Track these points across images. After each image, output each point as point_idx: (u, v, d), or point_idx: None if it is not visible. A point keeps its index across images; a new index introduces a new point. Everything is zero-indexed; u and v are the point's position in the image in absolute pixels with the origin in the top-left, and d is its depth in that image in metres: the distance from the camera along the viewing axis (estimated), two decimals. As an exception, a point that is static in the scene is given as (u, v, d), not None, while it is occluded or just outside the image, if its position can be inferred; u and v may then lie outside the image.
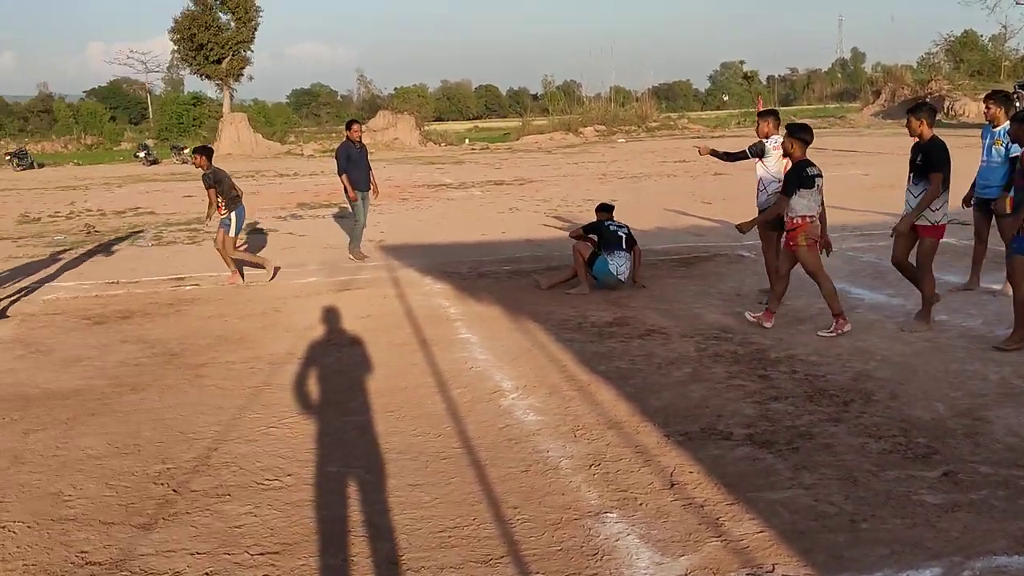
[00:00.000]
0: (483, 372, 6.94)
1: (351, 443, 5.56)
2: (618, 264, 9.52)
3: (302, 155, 48.86)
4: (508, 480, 4.89)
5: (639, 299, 9.25)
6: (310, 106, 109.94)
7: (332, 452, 5.42)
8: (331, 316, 8.98)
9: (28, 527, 4.53)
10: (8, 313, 9.78)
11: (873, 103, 59.70)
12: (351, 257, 12.48)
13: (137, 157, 44.93)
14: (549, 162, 33.33)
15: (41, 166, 45.52)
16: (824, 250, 8.07)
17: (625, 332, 7.95)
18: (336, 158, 12.74)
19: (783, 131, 8.15)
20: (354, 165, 12.45)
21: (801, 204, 7.66)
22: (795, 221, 7.70)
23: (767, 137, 8.71)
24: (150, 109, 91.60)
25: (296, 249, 13.84)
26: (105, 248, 14.78)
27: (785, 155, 8.03)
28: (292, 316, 9.11)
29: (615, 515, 4.40)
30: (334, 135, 61.02)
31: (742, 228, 8.45)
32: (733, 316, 8.32)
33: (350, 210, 13.07)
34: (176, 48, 62.67)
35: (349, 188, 12.51)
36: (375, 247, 13.57)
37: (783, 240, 8.11)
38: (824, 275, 7.73)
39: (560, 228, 14.59)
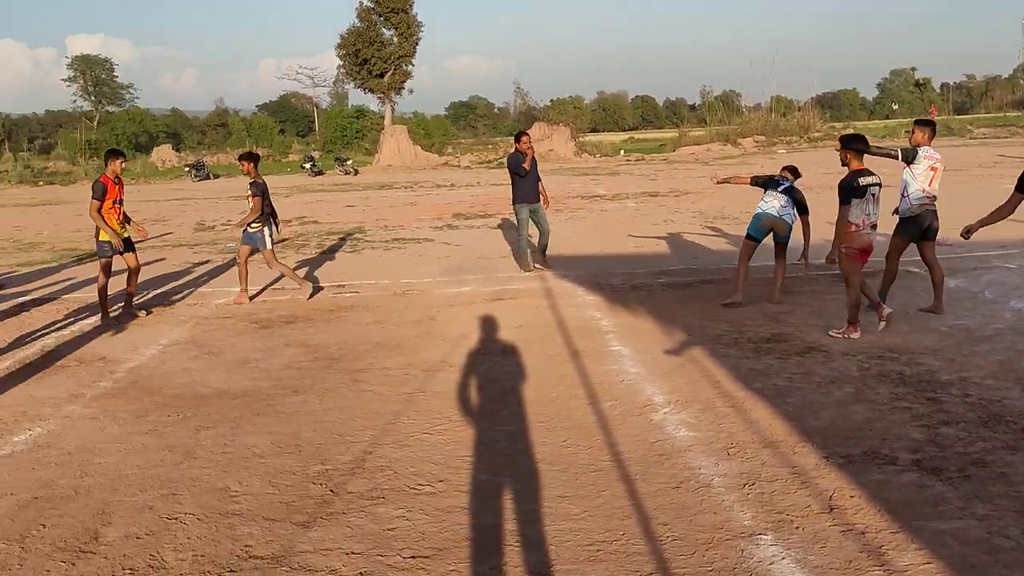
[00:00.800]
0: (634, 385, 6.87)
1: (502, 452, 5.60)
2: (779, 204, 9.38)
3: (459, 166, 49.89)
4: (658, 496, 4.81)
5: (798, 315, 8.94)
6: (467, 118, 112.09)
7: (483, 460, 5.47)
8: (484, 325, 9.10)
9: (198, 519, 4.77)
10: (152, 311, 10.48)
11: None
12: (531, 267, 12.54)
13: (303, 168, 47.00)
14: (706, 173, 32.73)
15: (216, 177, 48.31)
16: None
17: (783, 348, 7.70)
18: (508, 166, 12.72)
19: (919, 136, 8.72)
20: (523, 178, 12.38)
21: (851, 212, 7.86)
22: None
23: (919, 146, 8.70)
24: (316, 122, 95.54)
25: (451, 259, 14.10)
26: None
27: (843, 164, 8.12)
28: (446, 324, 9.29)
29: (770, 537, 4.25)
30: (490, 147, 62.07)
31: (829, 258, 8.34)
32: (900, 335, 7.92)
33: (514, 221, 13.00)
34: (342, 63, 65.26)
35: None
36: (528, 257, 13.65)
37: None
38: (853, 285, 7.95)
39: (721, 239, 14.30)
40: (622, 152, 54.60)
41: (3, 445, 6.09)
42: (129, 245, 10.36)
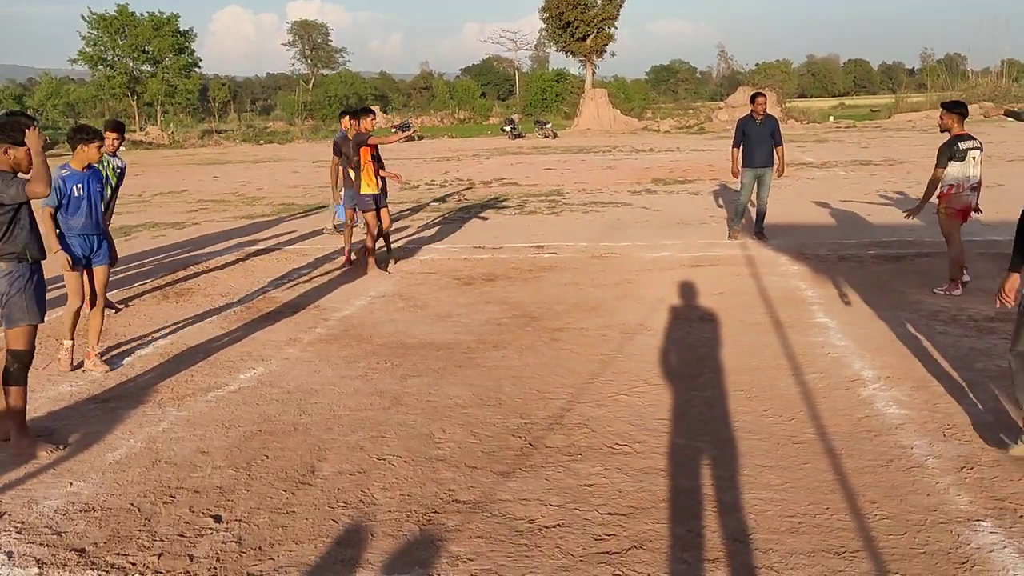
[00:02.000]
0: (841, 359, 6.60)
1: (698, 417, 5.54)
2: None
3: (658, 131, 49.26)
4: (866, 473, 4.62)
5: (1026, 293, 8.29)
6: (668, 82, 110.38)
7: (680, 424, 5.44)
8: (683, 291, 8.99)
9: (405, 462, 5.01)
10: (388, 269, 10.88)
11: None
12: (736, 235, 12.18)
13: (503, 131, 47.87)
14: (924, 142, 30.82)
15: (421, 138, 49.96)
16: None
17: (1009, 328, 7.14)
18: (735, 131, 12.24)
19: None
20: (750, 140, 11.87)
21: (949, 175, 8.45)
22: (942, 190, 8.54)
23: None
24: (517, 85, 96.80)
25: (649, 223, 13.98)
26: (473, 214, 15.88)
27: (943, 130, 8.63)
28: (644, 288, 9.24)
29: (989, 524, 4.00)
30: (691, 112, 60.86)
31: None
32: None
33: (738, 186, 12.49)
34: (545, 26, 65.68)
35: (735, 163, 12.22)
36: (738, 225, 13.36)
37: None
38: (954, 241, 8.47)
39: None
40: (831, 118, 52.23)
41: (231, 381, 6.60)
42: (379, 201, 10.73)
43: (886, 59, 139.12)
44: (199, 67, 67.06)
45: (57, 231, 6.84)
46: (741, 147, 11.97)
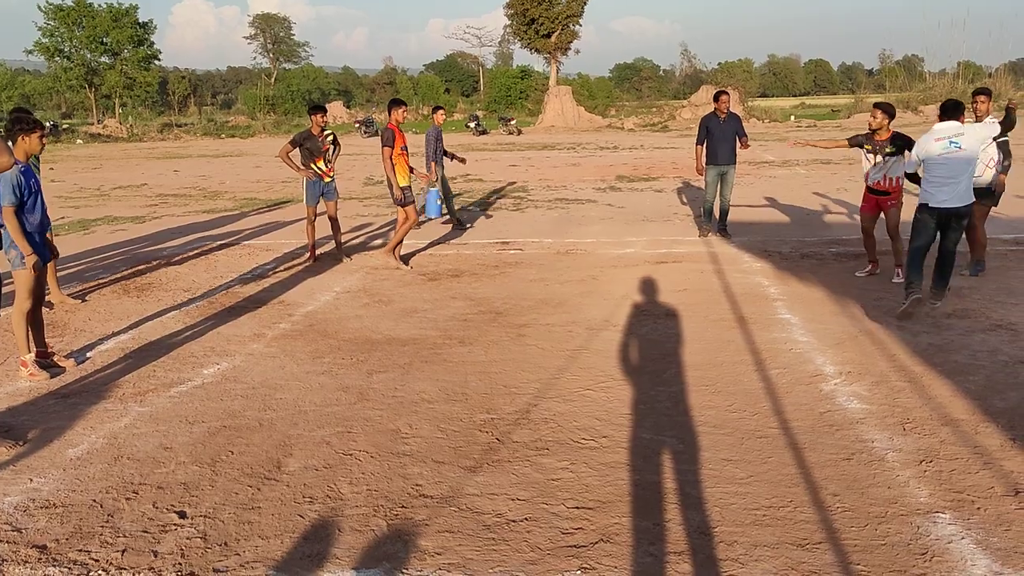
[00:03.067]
0: (803, 354, 6.68)
1: (664, 412, 5.58)
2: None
3: (622, 128, 49.47)
4: (828, 466, 4.68)
5: (984, 291, 8.45)
6: (632, 80, 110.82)
7: (645, 419, 5.47)
8: (647, 287, 9.05)
9: (371, 457, 5.00)
10: (350, 257, 10.84)
11: None
12: (706, 233, 12.23)
13: (468, 127, 47.75)
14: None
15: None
16: None
17: (966, 325, 7.30)
18: (698, 129, 12.25)
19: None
20: (714, 138, 11.90)
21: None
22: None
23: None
24: (481, 82, 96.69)
25: (614, 220, 14.05)
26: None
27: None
28: (609, 284, 9.28)
29: (948, 516, 4.08)
30: (654, 109, 61.19)
31: None
32: (1098, 316, 7.37)
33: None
34: (509, 23, 65.68)
35: (699, 160, 12.08)
36: (693, 222, 13.47)
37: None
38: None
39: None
40: (792, 118, 52.79)
41: (194, 376, 6.54)
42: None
43: (846, 60, 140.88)
44: (159, 60, 66.20)
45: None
46: (705, 144, 12.02)
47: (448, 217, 13.93)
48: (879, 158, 9.17)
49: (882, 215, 9.23)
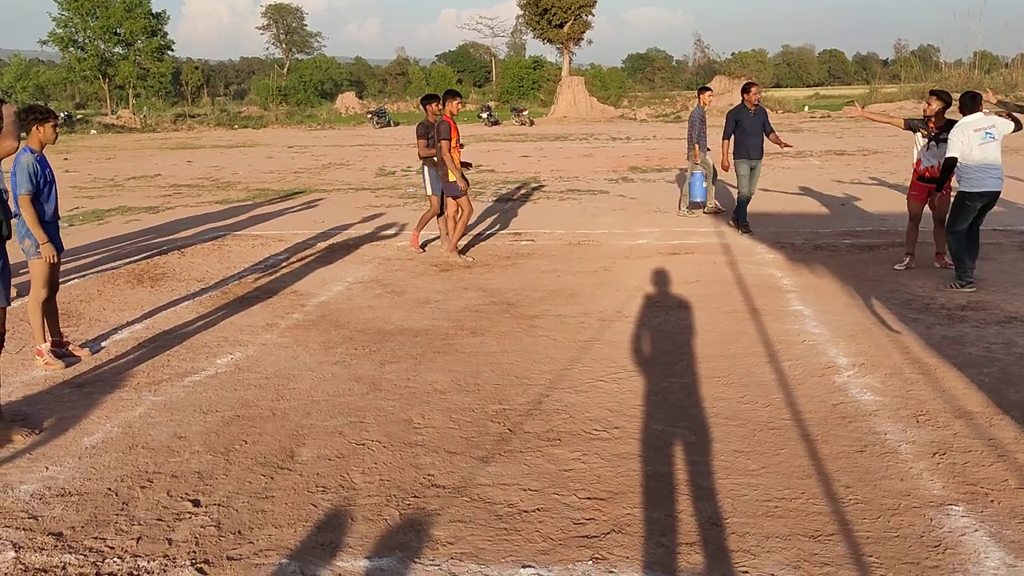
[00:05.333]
0: (816, 346, 6.67)
1: (676, 403, 5.58)
2: None
3: (635, 119, 49.32)
4: (840, 458, 4.68)
5: (999, 283, 8.41)
6: (645, 71, 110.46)
7: (658, 410, 5.47)
8: (660, 278, 9.04)
9: (384, 447, 5.02)
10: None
11: None
12: (731, 225, 11.94)
13: (480, 118, 47.66)
14: (897, 132, 31.01)
15: (397, 124, 49.70)
16: None
17: (980, 317, 7.27)
18: (725, 122, 11.76)
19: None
20: (745, 132, 11.53)
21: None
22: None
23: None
24: (493, 72, 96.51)
25: (626, 211, 14.02)
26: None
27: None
28: (621, 276, 9.28)
29: (961, 508, 4.07)
30: (667, 100, 60.98)
31: None
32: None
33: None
34: (522, 13, 65.52)
35: (726, 155, 11.68)
36: (702, 214, 13.44)
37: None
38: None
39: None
40: (806, 108, 52.51)
41: (208, 366, 6.57)
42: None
43: (860, 50, 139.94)
44: (172, 50, 66.29)
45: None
46: (733, 139, 11.63)
47: (714, 205, 13.76)
48: (932, 145, 9.12)
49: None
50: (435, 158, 10.43)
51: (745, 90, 11.82)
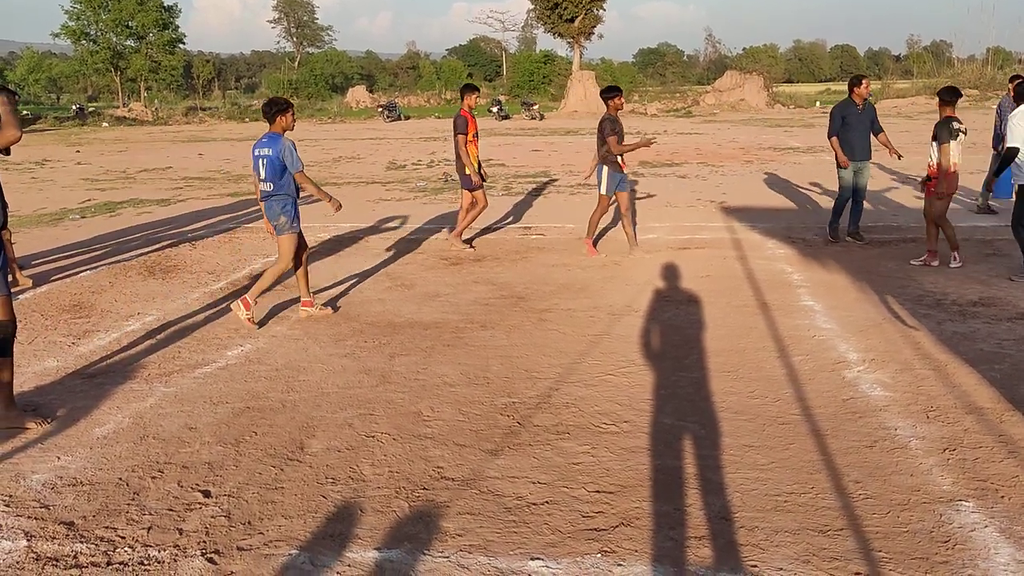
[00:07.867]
0: (826, 341, 6.65)
1: (686, 398, 5.57)
2: None
3: (645, 114, 49.22)
4: (850, 453, 4.67)
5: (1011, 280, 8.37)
6: (655, 66, 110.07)
7: (666, 404, 5.47)
8: (670, 273, 9.02)
9: (393, 439, 5.03)
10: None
11: None
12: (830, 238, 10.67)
13: (490, 112, 47.60)
14: (909, 128, 30.87)
15: (407, 118, 49.71)
16: None
17: (992, 313, 7.24)
18: (830, 118, 10.75)
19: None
20: (852, 129, 10.43)
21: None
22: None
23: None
24: (504, 66, 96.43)
25: (637, 205, 13.99)
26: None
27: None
28: (632, 270, 9.27)
29: (971, 504, 4.05)
30: (678, 95, 60.81)
31: None
32: None
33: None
34: (533, 7, 65.40)
35: (839, 153, 10.46)
36: (716, 208, 13.41)
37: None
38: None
39: (916, 197, 13.53)
40: (818, 103, 52.29)
41: (218, 357, 6.60)
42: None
43: (872, 45, 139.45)
44: (183, 43, 66.53)
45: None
46: (838, 136, 10.49)
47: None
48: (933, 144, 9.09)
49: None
50: (612, 157, 10.10)
51: (856, 83, 10.58)
